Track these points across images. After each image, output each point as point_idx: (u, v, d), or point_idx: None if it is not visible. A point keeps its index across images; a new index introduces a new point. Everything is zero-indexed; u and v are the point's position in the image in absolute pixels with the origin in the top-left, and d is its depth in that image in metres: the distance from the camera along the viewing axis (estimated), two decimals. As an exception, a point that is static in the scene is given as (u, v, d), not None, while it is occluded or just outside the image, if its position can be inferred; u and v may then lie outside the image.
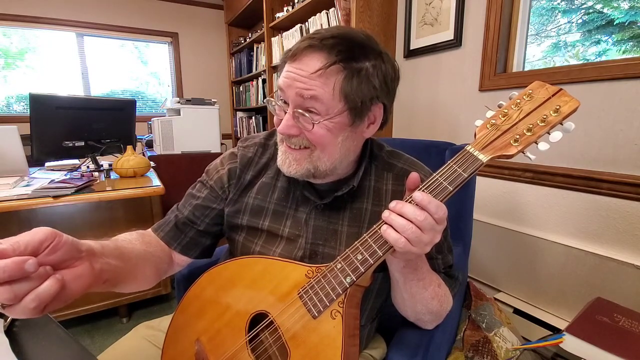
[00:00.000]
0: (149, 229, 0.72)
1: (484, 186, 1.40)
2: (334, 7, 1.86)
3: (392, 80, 0.57)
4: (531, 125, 0.45)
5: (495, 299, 1.28)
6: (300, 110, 0.53)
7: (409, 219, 0.44)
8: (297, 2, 2.18)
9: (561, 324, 1.12)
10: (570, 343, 0.75)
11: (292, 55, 0.54)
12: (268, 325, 0.55)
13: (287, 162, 0.58)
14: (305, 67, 0.52)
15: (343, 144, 0.56)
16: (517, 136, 0.45)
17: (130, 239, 0.62)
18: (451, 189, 0.46)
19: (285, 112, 0.55)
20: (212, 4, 3.72)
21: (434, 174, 0.47)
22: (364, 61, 0.53)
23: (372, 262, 0.48)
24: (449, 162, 0.47)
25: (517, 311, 1.24)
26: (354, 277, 0.49)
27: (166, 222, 0.71)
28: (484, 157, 0.46)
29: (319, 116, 0.53)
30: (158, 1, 3.48)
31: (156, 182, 1.53)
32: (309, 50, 0.53)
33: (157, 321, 0.78)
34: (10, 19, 2.95)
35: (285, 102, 0.56)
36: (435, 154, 0.98)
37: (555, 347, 0.78)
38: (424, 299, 0.58)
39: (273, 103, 0.59)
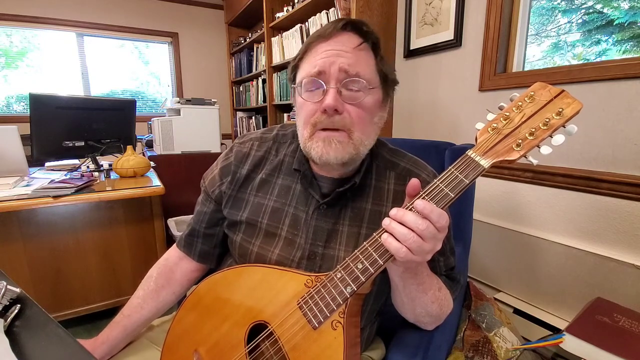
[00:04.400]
0: (174, 246, 0.78)
1: (484, 186, 1.40)
2: (334, 7, 1.86)
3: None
4: (534, 129, 0.44)
5: (495, 299, 1.28)
6: (354, 78, 0.54)
7: (410, 228, 0.43)
8: (297, 2, 2.18)
9: (561, 324, 1.12)
10: (570, 343, 0.75)
11: (327, 36, 0.56)
12: (268, 336, 0.54)
13: (333, 146, 0.54)
14: (346, 42, 0.55)
15: (376, 125, 0.59)
16: (520, 140, 0.44)
17: (143, 299, 0.71)
18: (453, 195, 0.44)
19: (325, 92, 0.54)
20: (212, 4, 3.72)
21: (435, 180, 0.46)
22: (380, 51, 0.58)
23: (372, 271, 0.47)
24: (450, 167, 0.46)
25: (517, 311, 1.24)
26: (354, 287, 0.48)
27: (182, 234, 0.76)
28: (485, 163, 0.45)
29: (367, 87, 0.55)
30: (158, 1, 3.48)
31: (156, 182, 1.53)
32: (347, 28, 0.55)
33: (157, 321, 0.78)
34: (11, 19, 2.95)
35: (317, 88, 0.55)
36: (435, 153, 0.98)
37: (555, 347, 0.78)
38: (423, 302, 0.57)
39: (309, 87, 0.56)
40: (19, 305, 0.50)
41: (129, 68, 3.58)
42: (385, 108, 0.61)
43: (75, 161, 1.90)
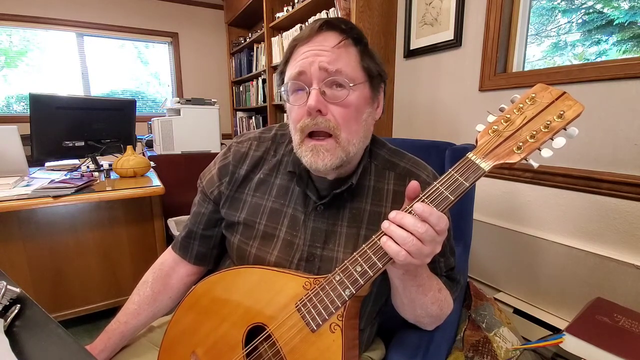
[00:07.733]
0: (169, 249, 0.77)
1: (484, 186, 1.40)
2: (334, 7, 1.86)
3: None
4: (534, 132, 0.44)
5: (495, 299, 1.28)
6: (335, 78, 0.53)
7: (409, 231, 0.43)
8: (297, 2, 2.18)
9: (561, 324, 1.12)
10: (570, 343, 0.75)
11: (306, 37, 0.55)
12: (266, 338, 0.54)
13: (321, 155, 0.54)
14: (325, 42, 0.54)
15: (366, 122, 0.57)
16: (520, 143, 0.44)
17: (139, 305, 0.70)
18: (452, 198, 0.44)
19: (309, 94, 0.53)
20: (212, 4, 3.72)
21: (435, 183, 0.46)
22: (366, 44, 0.58)
23: (371, 274, 0.47)
24: (450, 170, 0.46)
25: (517, 311, 1.24)
26: (353, 290, 0.48)
27: (178, 236, 0.74)
28: (486, 165, 0.44)
29: (350, 84, 0.54)
30: (158, 1, 3.48)
31: (156, 182, 1.53)
32: (325, 28, 0.55)
33: (158, 322, 0.77)
34: (11, 19, 2.95)
35: (301, 90, 0.55)
36: (436, 154, 0.98)
37: (555, 347, 0.78)
38: (423, 304, 0.57)
39: (294, 89, 0.56)
40: (19, 305, 0.50)
41: (128, 68, 3.57)
42: (374, 104, 0.59)
43: (75, 161, 1.90)
